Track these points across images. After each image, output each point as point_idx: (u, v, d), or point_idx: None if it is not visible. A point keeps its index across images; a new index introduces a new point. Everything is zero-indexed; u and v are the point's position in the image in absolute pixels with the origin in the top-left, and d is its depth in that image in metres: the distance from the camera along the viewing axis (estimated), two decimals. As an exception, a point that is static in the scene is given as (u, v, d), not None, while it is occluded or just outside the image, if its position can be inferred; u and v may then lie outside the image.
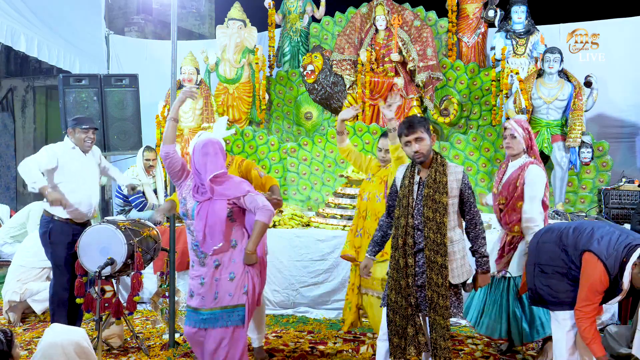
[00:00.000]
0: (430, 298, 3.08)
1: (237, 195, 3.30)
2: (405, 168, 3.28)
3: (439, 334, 3.07)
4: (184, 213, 3.39)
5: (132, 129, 6.19)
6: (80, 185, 4.37)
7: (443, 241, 3.07)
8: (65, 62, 7.32)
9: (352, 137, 6.63)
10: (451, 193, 3.11)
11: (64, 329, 3.06)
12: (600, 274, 3.03)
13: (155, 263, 4.94)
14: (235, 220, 3.36)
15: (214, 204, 3.28)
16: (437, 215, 3.07)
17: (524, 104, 5.88)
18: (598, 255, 3.05)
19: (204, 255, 3.32)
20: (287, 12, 7.62)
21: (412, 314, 3.14)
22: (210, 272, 3.31)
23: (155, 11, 11.04)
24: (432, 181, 3.11)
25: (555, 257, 3.28)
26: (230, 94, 7.14)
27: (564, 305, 3.27)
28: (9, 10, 6.50)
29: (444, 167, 3.14)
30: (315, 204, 6.65)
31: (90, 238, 4.07)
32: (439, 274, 3.06)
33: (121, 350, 4.41)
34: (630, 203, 5.67)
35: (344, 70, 6.85)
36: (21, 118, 11.93)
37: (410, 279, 3.13)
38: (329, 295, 5.32)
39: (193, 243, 3.36)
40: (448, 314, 3.07)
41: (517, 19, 6.64)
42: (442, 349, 3.07)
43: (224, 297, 3.31)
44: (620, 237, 3.08)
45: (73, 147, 4.41)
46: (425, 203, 3.10)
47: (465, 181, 3.16)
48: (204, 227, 3.27)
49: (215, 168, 3.28)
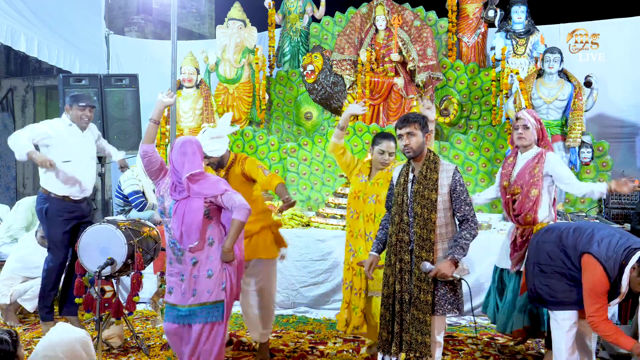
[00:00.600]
0: (411, 292, 3.13)
1: (214, 194, 3.33)
2: (402, 167, 3.32)
3: (417, 329, 3.09)
4: (161, 211, 3.44)
5: (132, 129, 6.19)
6: (76, 162, 4.42)
7: (429, 237, 3.11)
8: (65, 62, 7.32)
9: (352, 137, 6.63)
10: (441, 190, 3.14)
11: (68, 328, 3.05)
12: (600, 277, 3.03)
13: (155, 263, 4.93)
14: (212, 217, 3.40)
15: (191, 202, 3.31)
16: (425, 211, 3.11)
17: (524, 104, 5.88)
18: (597, 257, 3.05)
19: (181, 253, 3.35)
20: (287, 12, 7.63)
21: (399, 312, 3.17)
22: (188, 269, 3.35)
23: (155, 11, 11.04)
24: (422, 178, 3.16)
25: (555, 257, 3.28)
26: (230, 94, 7.14)
27: (563, 305, 3.27)
28: (9, 10, 6.50)
29: (435, 164, 3.18)
30: (315, 204, 6.65)
31: (90, 238, 4.06)
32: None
33: (121, 350, 4.41)
34: (630, 203, 5.67)
35: (344, 70, 6.85)
36: (21, 118, 11.93)
37: (406, 275, 3.16)
38: (329, 295, 5.32)
39: (170, 240, 3.40)
40: (428, 309, 3.09)
41: (517, 19, 6.64)
42: (419, 344, 3.08)
43: (202, 294, 3.34)
44: (620, 239, 3.08)
45: (70, 124, 4.46)
46: (415, 199, 3.15)
47: (457, 178, 3.17)
48: (181, 225, 3.30)
49: (192, 167, 3.32)
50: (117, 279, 4.31)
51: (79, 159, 4.44)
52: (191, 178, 3.31)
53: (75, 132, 4.47)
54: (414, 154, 3.18)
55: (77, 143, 4.45)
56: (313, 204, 6.67)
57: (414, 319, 3.11)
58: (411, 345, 3.12)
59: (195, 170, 3.32)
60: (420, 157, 3.21)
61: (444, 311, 3.14)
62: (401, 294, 3.17)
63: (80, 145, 4.48)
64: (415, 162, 3.24)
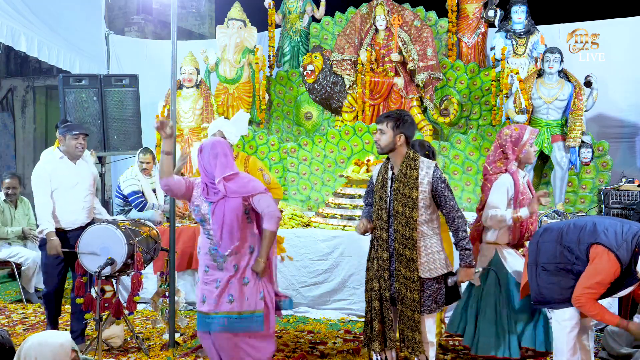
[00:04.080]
0: (398, 290, 3.17)
1: (250, 193, 3.29)
2: (381, 165, 3.37)
3: (407, 325, 3.16)
4: (201, 219, 3.35)
5: (132, 129, 6.19)
6: (69, 196, 4.36)
7: (411, 235, 3.15)
8: (65, 62, 7.31)
9: (352, 136, 6.63)
10: (421, 188, 3.18)
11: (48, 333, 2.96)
12: (613, 265, 3.02)
13: (155, 263, 4.94)
14: (252, 220, 3.36)
15: (229, 201, 3.26)
16: (406, 209, 3.15)
17: (524, 104, 5.88)
18: (608, 246, 3.03)
19: (223, 260, 3.28)
20: (287, 12, 7.62)
21: (378, 310, 3.22)
22: (226, 277, 3.28)
23: (155, 11, 11.03)
24: (402, 176, 3.20)
25: (558, 254, 3.26)
26: (230, 94, 7.14)
27: (568, 303, 3.25)
28: (9, 10, 6.50)
29: (415, 162, 3.21)
30: (315, 204, 6.65)
31: (90, 238, 4.06)
32: (407, 267, 3.15)
33: (121, 350, 4.41)
34: (630, 203, 5.66)
35: (344, 70, 6.85)
36: (21, 118, 11.92)
37: (385, 273, 3.22)
38: (329, 295, 5.32)
39: (211, 247, 3.32)
40: (416, 307, 3.14)
41: (517, 19, 6.64)
42: (410, 340, 3.15)
43: (240, 301, 3.27)
44: (624, 227, 3.09)
45: (61, 157, 4.38)
46: (396, 197, 3.19)
47: (437, 175, 3.20)
48: (222, 225, 3.24)
49: (226, 168, 3.28)
50: (117, 279, 4.31)
51: (72, 193, 4.37)
52: (226, 178, 3.28)
53: (67, 165, 4.39)
54: (380, 150, 3.28)
55: (69, 177, 4.37)
56: (313, 204, 6.68)
57: (404, 316, 3.17)
58: (404, 342, 3.17)
59: (229, 171, 3.29)
60: (397, 155, 3.26)
61: (430, 310, 3.21)
62: (380, 292, 3.23)
63: (71, 178, 4.38)
64: (394, 160, 3.28)
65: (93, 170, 4.66)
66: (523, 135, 3.76)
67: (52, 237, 4.24)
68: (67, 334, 2.54)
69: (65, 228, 4.36)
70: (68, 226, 4.38)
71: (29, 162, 11.51)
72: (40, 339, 2.44)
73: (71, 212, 4.38)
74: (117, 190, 5.93)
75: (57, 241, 4.25)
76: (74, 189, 4.39)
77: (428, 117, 6.89)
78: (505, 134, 3.84)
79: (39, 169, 4.39)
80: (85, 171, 4.50)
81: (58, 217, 4.33)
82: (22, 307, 5.78)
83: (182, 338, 4.67)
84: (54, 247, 4.23)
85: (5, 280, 6.88)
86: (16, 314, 5.56)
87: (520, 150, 3.76)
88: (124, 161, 7.00)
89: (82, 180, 4.45)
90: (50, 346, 2.40)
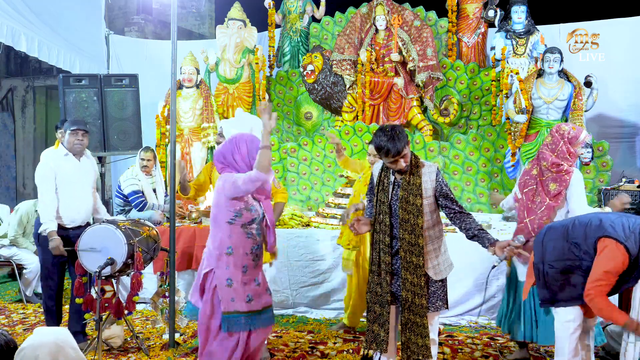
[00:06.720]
0: (404, 298, 3.15)
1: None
2: (381, 166, 3.32)
3: (416, 332, 3.13)
4: (251, 220, 3.22)
5: (132, 129, 6.18)
6: (73, 193, 4.36)
7: (417, 242, 3.13)
8: (65, 62, 7.32)
9: (352, 136, 6.63)
10: (425, 194, 3.17)
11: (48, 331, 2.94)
12: (622, 256, 3.01)
13: (155, 263, 4.94)
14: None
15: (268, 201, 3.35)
16: (411, 217, 3.14)
17: (524, 104, 5.87)
18: (617, 238, 3.03)
19: (258, 258, 3.29)
20: (287, 12, 7.62)
21: (380, 313, 3.21)
22: (261, 273, 3.32)
23: (155, 11, 11.04)
24: (406, 184, 3.18)
25: (565, 251, 3.24)
26: (230, 94, 7.14)
27: (576, 300, 3.24)
28: (9, 10, 6.50)
29: (417, 168, 3.20)
30: (315, 204, 6.65)
31: (90, 238, 4.06)
32: (414, 274, 3.13)
33: (121, 350, 4.41)
34: (630, 202, 5.66)
35: (344, 70, 6.85)
36: (21, 118, 11.92)
37: (387, 276, 3.20)
38: (329, 295, 5.32)
39: (253, 246, 3.23)
40: (424, 312, 3.13)
41: (517, 19, 6.64)
42: (420, 347, 3.12)
43: (265, 297, 3.31)
44: (630, 220, 3.10)
45: (66, 154, 4.38)
46: (401, 205, 3.17)
47: (440, 179, 3.21)
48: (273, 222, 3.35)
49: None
50: (117, 279, 4.31)
51: (75, 190, 4.37)
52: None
53: (72, 162, 4.39)
54: (407, 168, 3.19)
55: (73, 174, 4.37)
56: (313, 204, 6.68)
57: (411, 324, 3.14)
58: (410, 349, 3.14)
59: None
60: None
61: (436, 308, 3.21)
62: (382, 297, 3.21)
63: (76, 175, 4.38)
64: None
65: (96, 168, 4.68)
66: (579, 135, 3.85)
67: (54, 236, 4.24)
68: (65, 330, 2.53)
69: (67, 225, 4.37)
70: (70, 223, 4.38)
71: (29, 162, 11.52)
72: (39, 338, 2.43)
73: (74, 209, 4.39)
74: (117, 190, 5.92)
75: (59, 240, 4.24)
76: (78, 185, 4.41)
77: (428, 117, 6.89)
78: (563, 129, 3.88)
79: (43, 166, 4.38)
80: (88, 168, 4.53)
81: (60, 214, 4.33)
82: (22, 307, 5.78)
83: (182, 338, 4.67)
84: (56, 246, 4.23)
85: (5, 280, 6.89)
86: (16, 314, 5.56)
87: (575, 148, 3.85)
88: (124, 161, 6.99)
89: (85, 176, 4.47)
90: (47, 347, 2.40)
